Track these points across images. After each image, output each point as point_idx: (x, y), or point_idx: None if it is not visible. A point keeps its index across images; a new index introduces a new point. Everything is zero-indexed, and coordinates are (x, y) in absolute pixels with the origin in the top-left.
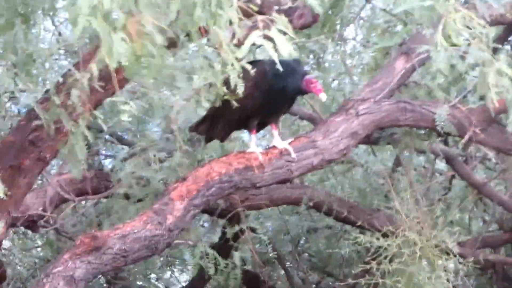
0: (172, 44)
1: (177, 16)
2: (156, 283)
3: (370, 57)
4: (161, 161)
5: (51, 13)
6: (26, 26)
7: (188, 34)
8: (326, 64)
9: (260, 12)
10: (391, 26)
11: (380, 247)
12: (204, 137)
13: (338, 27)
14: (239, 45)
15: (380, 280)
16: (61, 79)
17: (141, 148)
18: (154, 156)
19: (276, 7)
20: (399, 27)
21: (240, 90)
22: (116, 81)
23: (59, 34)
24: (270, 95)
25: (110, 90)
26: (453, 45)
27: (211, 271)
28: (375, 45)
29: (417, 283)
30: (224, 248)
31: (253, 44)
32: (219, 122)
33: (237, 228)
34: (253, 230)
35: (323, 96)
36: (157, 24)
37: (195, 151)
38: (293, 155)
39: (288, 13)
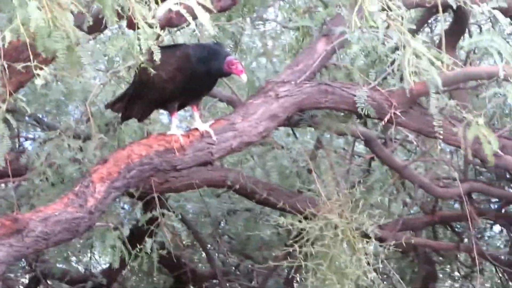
0: (94, 27)
1: None
2: (76, 265)
3: (290, 38)
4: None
5: None
6: None
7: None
8: (244, 46)
9: None
10: (312, 7)
11: (301, 229)
12: (120, 115)
13: (257, 8)
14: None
15: (303, 263)
16: None
17: (59, 131)
18: (69, 138)
19: None
20: (320, 9)
21: (157, 58)
22: (30, 52)
23: None
24: (193, 79)
25: (31, 73)
26: (372, 27)
27: (126, 257)
28: (296, 26)
29: (338, 266)
30: (141, 232)
31: (170, 26)
32: (137, 102)
33: (152, 213)
34: (168, 216)
35: (244, 77)
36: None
37: (115, 133)
38: (214, 137)
39: None
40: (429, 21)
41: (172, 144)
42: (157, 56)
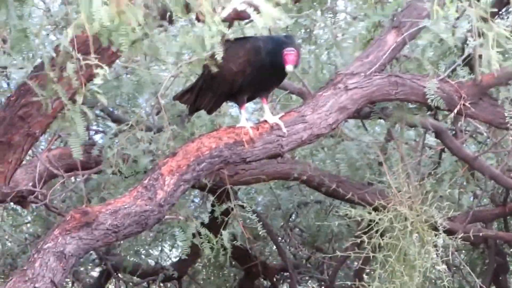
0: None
1: None
2: (147, 259)
3: (361, 28)
4: (150, 138)
5: None
6: (18, 3)
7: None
8: (316, 38)
9: None
10: None
11: (371, 221)
12: (188, 107)
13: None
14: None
15: (371, 254)
16: (53, 54)
17: (131, 124)
18: (142, 131)
19: None
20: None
21: (219, 57)
22: (92, 48)
23: (49, 10)
24: (262, 71)
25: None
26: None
27: (204, 249)
28: (366, 17)
29: (407, 258)
30: (214, 224)
31: (240, 19)
32: (206, 94)
33: (225, 206)
34: (241, 207)
35: (289, 68)
36: None
37: (185, 126)
38: (284, 129)
39: None
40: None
41: (242, 137)
42: (221, 53)
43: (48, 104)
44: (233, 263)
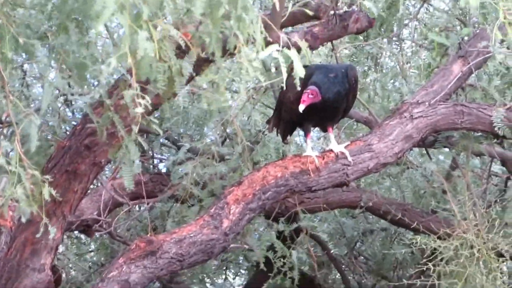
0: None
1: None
2: (211, 287)
3: (426, 56)
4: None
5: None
6: (79, 30)
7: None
8: (382, 67)
9: (315, 17)
10: (450, 26)
11: (435, 249)
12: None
13: (395, 28)
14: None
15: (437, 282)
16: (113, 83)
17: (199, 151)
18: (213, 157)
19: (331, 12)
20: (458, 28)
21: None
22: (135, 77)
23: (112, 38)
24: (320, 104)
25: (169, 93)
26: None
27: (274, 269)
28: (432, 43)
29: (473, 285)
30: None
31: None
32: (280, 121)
33: (294, 226)
34: (310, 230)
35: (300, 107)
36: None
37: (251, 154)
38: (350, 158)
39: (344, 17)
40: None
41: (308, 166)
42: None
43: (103, 132)
44: None
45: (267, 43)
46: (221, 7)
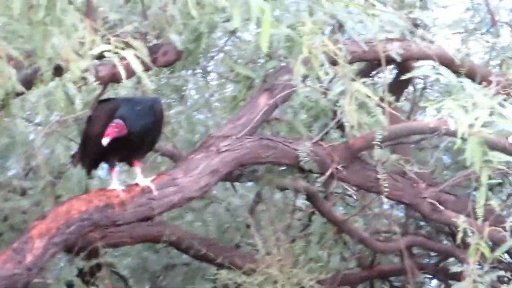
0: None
1: None
2: None
3: (232, 89)
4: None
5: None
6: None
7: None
8: (187, 99)
9: None
10: (256, 59)
11: (240, 284)
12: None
13: (201, 60)
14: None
15: None
16: None
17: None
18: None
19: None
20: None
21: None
22: None
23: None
24: (126, 137)
25: None
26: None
27: None
28: (238, 76)
29: None
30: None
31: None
32: (84, 154)
33: (94, 262)
34: (111, 265)
35: (104, 141)
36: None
37: (55, 187)
38: (155, 192)
39: (153, 50)
40: (371, 74)
41: (113, 200)
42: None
43: None
44: None
45: None
46: None
